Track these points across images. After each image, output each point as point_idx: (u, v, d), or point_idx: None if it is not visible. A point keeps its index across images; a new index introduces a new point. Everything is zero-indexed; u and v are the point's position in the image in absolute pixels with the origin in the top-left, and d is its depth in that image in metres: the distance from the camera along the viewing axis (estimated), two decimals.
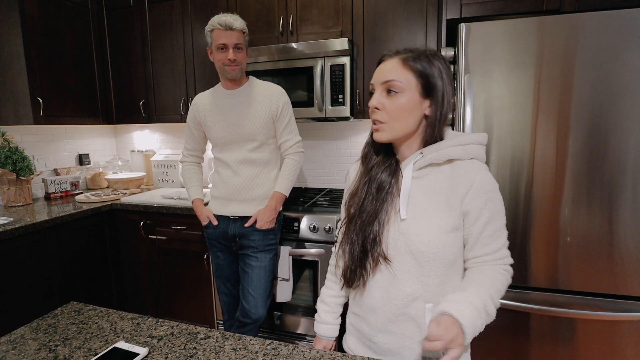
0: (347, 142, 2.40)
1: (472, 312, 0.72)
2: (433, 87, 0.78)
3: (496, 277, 0.80)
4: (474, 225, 0.80)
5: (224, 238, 1.65)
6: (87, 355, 0.78)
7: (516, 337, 1.52)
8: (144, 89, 2.45)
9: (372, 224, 0.83)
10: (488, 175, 0.81)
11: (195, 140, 1.74)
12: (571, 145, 1.37)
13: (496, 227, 0.81)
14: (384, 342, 0.85)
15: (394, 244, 0.82)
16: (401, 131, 0.81)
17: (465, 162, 0.81)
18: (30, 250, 1.79)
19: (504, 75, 1.41)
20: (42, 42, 2.12)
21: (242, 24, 1.52)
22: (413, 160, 0.82)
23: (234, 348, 0.81)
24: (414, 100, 0.79)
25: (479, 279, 0.80)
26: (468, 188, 0.79)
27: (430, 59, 0.79)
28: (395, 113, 0.80)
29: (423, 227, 0.79)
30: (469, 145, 0.82)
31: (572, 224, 1.41)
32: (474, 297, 0.75)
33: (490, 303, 0.76)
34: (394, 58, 0.80)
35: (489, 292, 0.77)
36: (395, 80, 0.78)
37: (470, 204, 0.79)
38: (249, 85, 1.62)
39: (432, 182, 0.82)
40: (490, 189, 0.80)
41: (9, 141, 2.09)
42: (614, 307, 1.40)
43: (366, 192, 0.86)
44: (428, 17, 1.84)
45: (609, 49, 1.30)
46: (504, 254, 0.83)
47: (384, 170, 0.85)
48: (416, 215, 0.80)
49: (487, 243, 0.81)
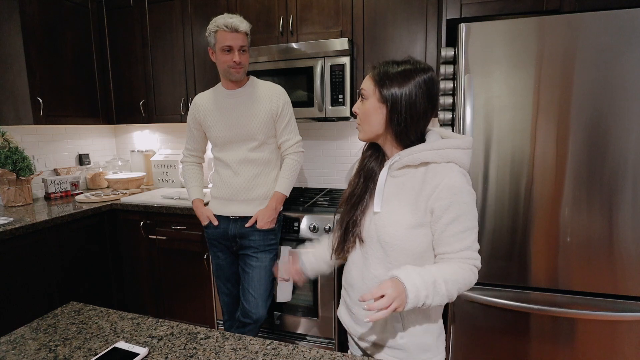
0: (347, 142, 2.40)
1: (419, 281, 0.78)
2: (386, 95, 0.86)
3: (457, 269, 0.84)
4: (437, 223, 0.86)
5: (224, 238, 1.65)
6: (87, 355, 0.78)
7: (516, 337, 1.52)
8: (144, 89, 2.45)
9: (356, 208, 0.96)
10: (457, 178, 0.84)
11: (196, 141, 1.74)
12: (571, 145, 1.37)
13: (461, 229, 0.84)
14: (360, 314, 0.97)
15: (367, 230, 0.93)
16: (369, 132, 0.92)
17: (440, 165, 0.86)
18: (30, 250, 1.79)
19: (504, 75, 1.41)
20: (42, 42, 2.12)
21: (247, 26, 1.52)
22: (391, 161, 0.91)
23: (234, 348, 0.81)
24: (373, 105, 0.89)
25: (439, 265, 0.86)
26: (434, 189, 0.85)
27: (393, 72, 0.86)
28: (362, 116, 0.92)
29: (390, 221, 0.88)
30: (443, 150, 0.86)
31: (572, 224, 1.41)
32: (426, 272, 0.81)
33: (442, 283, 0.80)
34: (370, 71, 0.92)
35: (444, 275, 0.82)
36: (363, 89, 0.91)
37: (434, 204, 0.85)
38: (249, 85, 1.62)
39: (406, 182, 0.90)
40: (457, 191, 0.84)
41: (9, 141, 2.09)
42: (614, 307, 1.40)
43: (357, 180, 0.99)
44: (428, 17, 1.84)
45: (609, 49, 1.30)
46: (469, 255, 0.86)
47: (372, 164, 0.98)
48: (387, 209, 0.90)
49: (450, 242, 0.85)
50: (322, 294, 1.83)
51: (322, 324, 1.87)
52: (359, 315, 0.97)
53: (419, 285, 0.78)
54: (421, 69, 0.87)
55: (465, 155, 0.89)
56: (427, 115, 0.88)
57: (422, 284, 0.78)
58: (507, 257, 1.49)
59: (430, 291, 0.79)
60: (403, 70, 0.87)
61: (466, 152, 0.89)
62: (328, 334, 1.87)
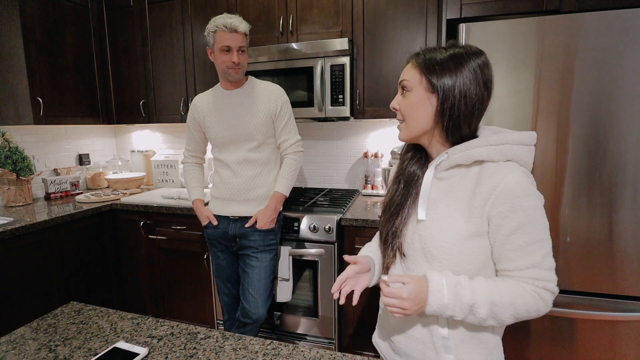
0: (347, 142, 2.40)
1: (450, 299, 0.70)
2: (437, 82, 0.75)
3: (516, 289, 0.71)
4: (496, 234, 0.73)
5: (224, 238, 1.65)
6: (87, 355, 0.78)
7: (516, 337, 1.52)
8: (144, 89, 2.45)
9: (396, 217, 0.84)
10: (521, 179, 0.71)
11: (196, 142, 1.74)
12: (571, 145, 1.37)
13: (526, 241, 0.71)
14: (400, 342, 0.85)
15: (410, 242, 0.81)
16: (416, 128, 0.80)
17: (498, 164, 0.74)
18: (30, 250, 1.79)
19: (504, 75, 1.41)
20: (42, 42, 2.12)
21: (246, 27, 1.52)
22: (437, 160, 0.79)
23: (234, 348, 0.81)
24: (420, 96, 0.77)
25: (496, 282, 0.73)
26: (491, 192, 0.72)
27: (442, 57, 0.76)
28: (406, 111, 0.80)
29: (438, 230, 0.76)
30: (502, 145, 0.74)
31: (572, 224, 1.41)
32: (466, 289, 0.70)
33: (485, 308, 0.70)
34: (411, 59, 0.81)
35: (493, 296, 0.70)
36: (405, 80, 0.80)
37: (492, 209, 0.72)
38: (248, 85, 1.62)
39: (456, 184, 0.78)
40: (520, 195, 0.70)
41: (9, 141, 2.09)
42: (614, 307, 1.40)
43: (397, 185, 0.87)
44: (428, 17, 1.84)
45: (609, 49, 1.30)
46: (539, 274, 0.71)
47: (413, 167, 0.86)
48: (435, 217, 0.77)
49: (513, 258, 0.72)
50: (322, 294, 1.83)
51: (322, 324, 1.87)
52: (399, 344, 0.85)
53: (447, 303, 0.69)
54: (473, 52, 0.76)
55: (528, 153, 0.76)
56: (483, 103, 0.76)
57: (452, 303, 0.69)
58: None
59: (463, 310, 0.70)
60: (453, 55, 0.75)
61: (529, 148, 0.76)
62: (328, 334, 1.87)
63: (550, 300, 0.72)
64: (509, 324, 0.73)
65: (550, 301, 0.72)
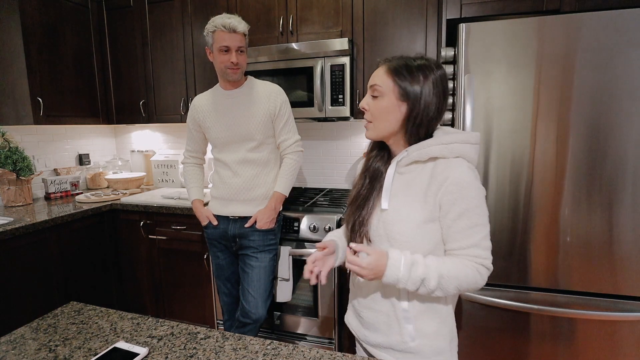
0: (347, 142, 2.40)
1: (404, 273, 0.80)
2: (408, 92, 0.84)
3: (458, 264, 0.83)
4: (444, 219, 0.84)
5: (224, 238, 1.65)
6: (87, 355, 0.78)
7: (516, 337, 1.52)
8: (144, 89, 2.45)
9: (362, 208, 0.93)
10: (466, 172, 0.83)
11: (196, 142, 1.74)
12: (571, 145, 1.37)
13: (468, 224, 0.82)
14: (367, 316, 0.96)
15: (375, 229, 0.91)
16: (384, 130, 0.89)
17: (448, 160, 0.85)
18: (30, 250, 1.79)
19: (504, 75, 1.41)
20: (42, 42, 2.12)
21: (245, 27, 1.52)
22: (398, 157, 0.89)
23: (234, 348, 0.81)
24: (391, 102, 0.85)
25: (443, 259, 0.84)
26: (442, 183, 0.83)
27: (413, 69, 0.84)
28: (376, 114, 0.88)
29: (399, 218, 0.86)
30: (452, 144, 0.84)
31: (572, 224, 1.41)
32: (420, 264, 0.81)
33: (434, 279, 0.80)
34: (383, 65, 0.88)
35: (440, 269, 0.81)
36: (377, 85, 0.87)
37: (442, 198, 0.83)
38: (247, 85, 1.62)
39: (414, 177, 0.88)
40: (466, 186, 0.82)
41: (9, 141, 2.09)
42: (614, 307, 1.40)
43: (363, 180, 0.96)
44: (428, 17, 1.84)
45: (609, 49, 1.30)
46: (478, 252, 0.83)
47: (377, 164, 0.96)
48: (395, 206, 0.88)
49: (457, 239, 0.84)
50: (322, 294, 1.83)
51: (322, 324, 1.87)
52: (367, 318, 0.96)
53: (401, 277, 0.80)
54: (436, 65, 0.85)
55: (474, 150, 0.87)
56: (441, 113, 0.86)
57: (405, 277, 0.80)
58: (507, 257, 1.49)
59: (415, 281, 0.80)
60: (421, 66, 0.84)
61: (474, 147, 0.87)
62: (328, 334, 1.87)
63: (486, 275, 0.85)
64: (453, 294, 0.84)
65: (485, 276, 0.85)
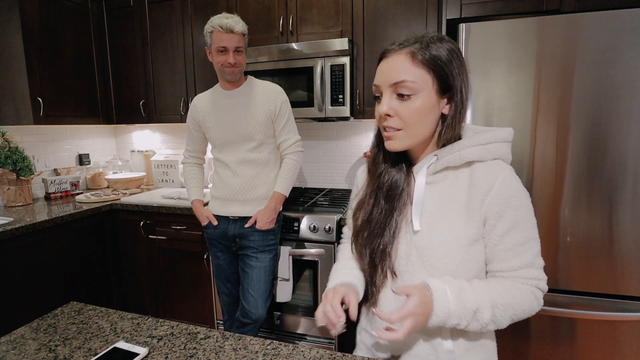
0: (347, 142, 2.40)
1: (455, 307, 0.64)
2: (450, 83, 0.67)
3: (512, 290, 0.68)
4: (490, 235, 0.69)
5: (224, 238, 1.65)
6: (87, 355, 0.78)
7: (516, 337, 1.52)
8: (144, 89, 2.45)
9: (381, 235, 0.74)
10: (511, 177, 0.69)
11: (196, 142, 1.74)
12: (571, 145, 1.37)
13: (519, 240, 0.68)
14: None
15: (406, 258, 0.73)
16: (419, 137, 0.70)
17: (486, 164, 0.70)
18: (30, 250, 1.79)
19: (504, 75, 1.41)
20: (42, 42, 2.12)
21: (242, 27, 1.52)
22: (426, 163, 0.72)
23: (234, 348, 0.81)
24: (431, 101, 0.67)
25: (491, 283, 0.69)
26: (487, 192, 0.68)
27: (442, 43, 0.67)
28: (410, 118, 0.68)
29: (439, 240, 0.69)
30: (492, 144, 0.70)
31: (572, 224, 1.40)
32: (470, 293, 0.65)
33: (487, 310, 0.65)
34: (401, 53, 0.67)
35: (493, 298, 0.66)
36: (407, 81, 0.66)
37: (489, 210, 0.68)
38: (247, 85, 1.61)
39: (448, 188, 0.72)
40: (514, 193, 0.68)
41: (9, 141, 2.09)
42: (614, 307, 1.40)
43: (374, 201, 0.77)
44: (428, 17, 1.84)
45: (609, 49, 1.30)
46: (530, 273, 0.69)
47: (394, 177, 0.76)
48: (431, 225, 0.70)
49: (506, 258, 0.69)
50: (322, 294, 1.82)
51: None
52: None
53: (452, 311, 0.63)
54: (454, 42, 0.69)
55: (509, 150, 0.74)
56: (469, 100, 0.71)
57: (458, 310, 0.64)
58: None
59: (467, 317, 0.64)
60: (451, 50, 0.67)
61: (510, 145, 0.74)
62: (328, 334, 1.87)
63: (541, 299, 0.71)
64: (505, 327, 0.69)
65: (541, 299, 0.71)
